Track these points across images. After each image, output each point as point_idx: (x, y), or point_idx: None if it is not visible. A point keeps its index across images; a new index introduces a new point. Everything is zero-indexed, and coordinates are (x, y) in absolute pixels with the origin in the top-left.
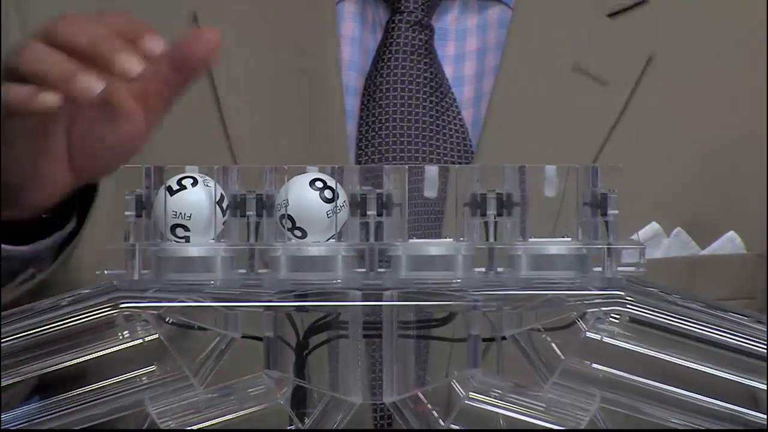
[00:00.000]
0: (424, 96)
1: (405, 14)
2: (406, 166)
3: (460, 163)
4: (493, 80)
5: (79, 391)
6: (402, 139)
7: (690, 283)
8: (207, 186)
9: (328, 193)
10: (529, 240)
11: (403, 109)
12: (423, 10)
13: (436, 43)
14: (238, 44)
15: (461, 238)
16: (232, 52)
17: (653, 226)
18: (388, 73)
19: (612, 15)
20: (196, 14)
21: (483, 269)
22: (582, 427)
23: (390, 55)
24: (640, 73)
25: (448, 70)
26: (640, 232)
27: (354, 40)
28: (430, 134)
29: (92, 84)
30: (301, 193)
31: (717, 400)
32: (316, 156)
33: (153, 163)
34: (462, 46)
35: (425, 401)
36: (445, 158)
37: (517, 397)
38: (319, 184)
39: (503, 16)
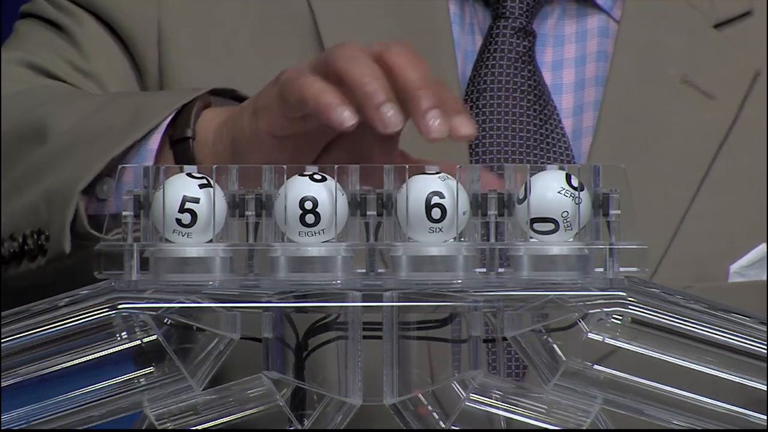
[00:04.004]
0: (528, 105)
1: (510, 20)
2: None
3: None
4: (594, 90)
5: (78, 392)
6: (506, 148)
7: None
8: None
9: (330, 182)
10: (531, 240)
11: (507, 117)
12: (526, 15)
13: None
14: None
15: (462, 239)
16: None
17: (761, 249)
18: (492, 80)
19: (717, 26)
20: (311, 3)
21: (484, 270)
22: (583, 429)
23: (494, 62)
24: (747, 87)
25: (546, 77)
26: (747, 256)
27: (455, 43)
28: (534, 143)
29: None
30: (304, 185)
31: (718, 401)
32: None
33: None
34: (560, 53)
35: (425, 403)
36: None
37: (518, 398)
38: (318, 177)
39: (604, 26)
